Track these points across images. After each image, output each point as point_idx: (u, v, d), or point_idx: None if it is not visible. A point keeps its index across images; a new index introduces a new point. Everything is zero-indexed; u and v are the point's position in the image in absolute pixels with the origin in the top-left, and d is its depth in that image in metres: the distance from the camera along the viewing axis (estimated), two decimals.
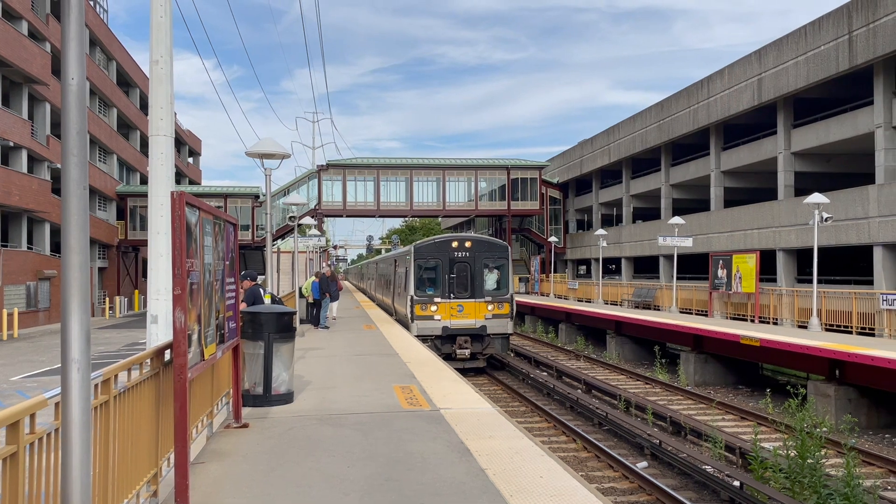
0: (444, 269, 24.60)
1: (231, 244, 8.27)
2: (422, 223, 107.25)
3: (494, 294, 24.78)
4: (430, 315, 24.32)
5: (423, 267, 24.75)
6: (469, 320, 24.50)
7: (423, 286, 24.71)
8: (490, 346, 24.85)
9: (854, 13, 28.18)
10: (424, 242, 25.74)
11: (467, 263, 24.73)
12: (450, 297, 24.53)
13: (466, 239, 25.20)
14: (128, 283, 57.34)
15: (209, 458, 7.34)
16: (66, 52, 3.32)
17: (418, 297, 24.51)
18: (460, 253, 24.77)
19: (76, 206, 3.30)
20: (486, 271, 24.94)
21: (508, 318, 24.90)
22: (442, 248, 24.90)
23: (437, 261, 24.74)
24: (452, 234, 26.34)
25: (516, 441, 7.99)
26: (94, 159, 51.04)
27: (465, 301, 24.55)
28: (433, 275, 24.76)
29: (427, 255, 24.87)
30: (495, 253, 25.18)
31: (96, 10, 52.56)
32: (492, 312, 24.59)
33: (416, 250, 24.98)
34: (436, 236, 26.38)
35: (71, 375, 3.29)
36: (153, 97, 8.64)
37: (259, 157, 14.90)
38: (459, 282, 24.62)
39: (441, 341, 24.42)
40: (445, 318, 24.38)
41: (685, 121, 41.18)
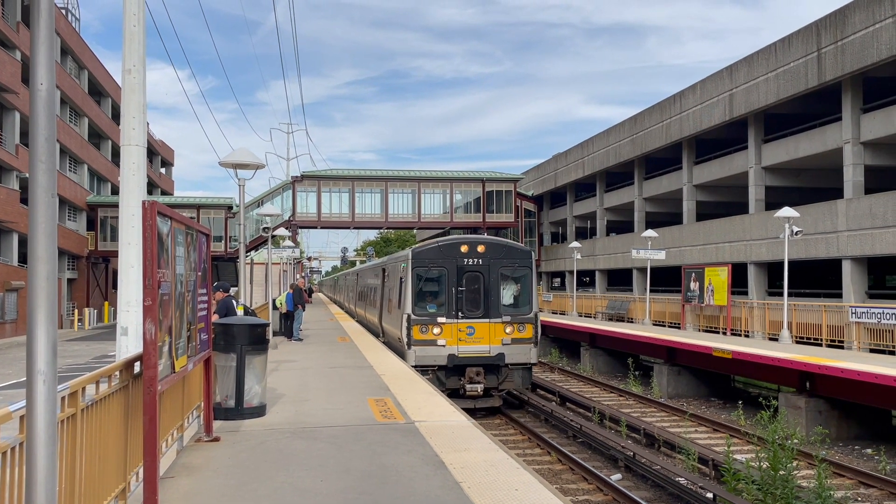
0: (449, 281, 19.70)
1: (203, 255, 8.18)
2: (397, 235, 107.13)
3: (514, 312, 19.91)
4: (432, 339, 19.39)
5: (424, 277, 19.93)
6: (482, 346, 19.55)
7: (424, 302, 19.80)
8: (508, 380, 19.84)
9: (822, 31, 28.70)
10: (425, 246, 20.67)
11: (480, 273, 19.89)
12: (457, 316, 19.58)
13: (479, 242, 20.36)
14: (98, 295, 56.54)
15: (179, 473, 7.21)
16: (34, 57, 3.26)
17: (417, 315, 19.52)
18: (471, 259, 19.94)
19: (44, 215, 3.23)
20: (504, 283, 20.19)
21: (532, 344, 19.85)
22: (448, 254, 19.97)
23: (441, 269, 19.85)
24: (461, 237, 21.28)
25: (491, 454, 7.96)
26: (65, 169, 50.38)
27: (476, 321, 19.66)
28: (436, 287, 19.92)
29: (429, 262, 19.96)
30: (515, 260, 20.33)
31: (68, 19, 52.02)
32: (511, 336, 19.65)
33: (416, 256, 20.16)
34: (440, 238, 21.41)
35: (36, 387, 3.20)
36: (125, 106, 8.54)
37: (233, 167, 14.79)
38: (470, 297, 19.80)
39: (446, 373, 19.43)
40: (452, 343, 19.43)
41: (658, 135, 41.60)
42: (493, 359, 19.54)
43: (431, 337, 19.44)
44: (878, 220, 25.99)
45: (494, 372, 19.70)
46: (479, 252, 19.97)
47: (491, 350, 19.58)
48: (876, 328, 21.53)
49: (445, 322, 19.53)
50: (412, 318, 19.52)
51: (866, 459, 16.02)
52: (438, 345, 19.37)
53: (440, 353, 19.39)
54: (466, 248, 19.97)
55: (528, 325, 19.86)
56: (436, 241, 20.69)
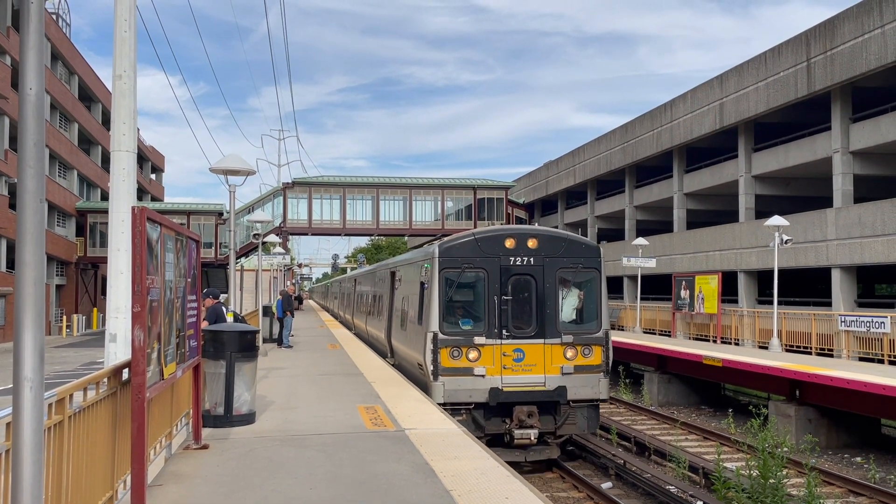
0: (490, 287, 14.71)
1: (193, 261, 8.15)
2: (388, 242, 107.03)
3: (577, 330, 14.93)
4: (467, 367, 14.35)
5: (455, 282, 14.87)
6: (534, 377, 14.51)
7: (455, 316, 14.88)
8: (569, 422, 14.81)
9: (812, 41, 28.91)
10: (457, 240, 15.45)
11: (531, 277, 14.87)
12: (501, 335, 14.52)
13: (530, 234, 15.29)
14: (86, 301, 56.23)
15: (167, 481, 7.16)
16: (24, 62, 3.24)
17: (447, 334, 14.50)
18: (519, 258, 14.93)
19: (32, 220, 3.21)
20: (564, 290, 15.20)
21: (601, 374, 14.88)
22: (488, 250, 14.91)
23: (478, 271, 14.85)
24: (505, 227, 16.77)
25: (482, 461, 7.93)
26: (54, 174, 50.15)
27: (527, 343, 14.60)
28: (471, 296, 15.07)
29: (462, 261, 14.83)
30: (578, 258, 15.18)
31: (59, 24, 51.88)
32: (573, 362, 14.69)
33: (444, 253, 15.00)
34: (477, 230, 15.99)
35: (23, 394, 3.17)
36: (116, 112, 8.49)
37: (223, 173, 14.75)
38: (518, 309, 14.80)
39: (486, 413, 14.35)
40: (493, 372, 14.39)
41: (649, 143, 41.76)
42: (550, 394, 14.42)
43: (466, 364, 14.32)
44: (867, 229, 26.14)
45: (551, 410, 14.64)
46: (529, 248, 14.90)
47: (547, 382, 14.48)
48: (865, 336, 21.63)
49: (485, 343, 14.35)
50: (440, 338, 14.35)
51: (856, 468, 16.06)
52: (476, 374, 14.21)
53: (478, 387, 14.24)
54: (513, 242, 14.91)
55: (596, 348, 14.94)
56: (471, 233, 15.35)
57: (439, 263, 14.78)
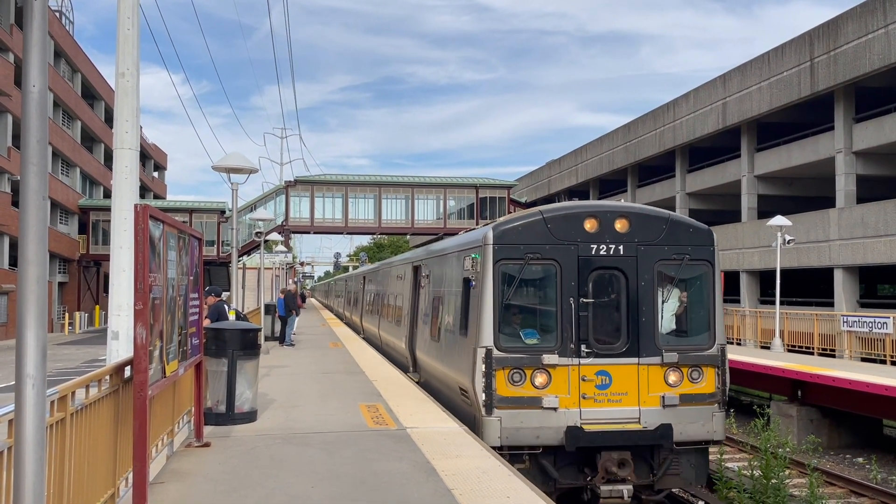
0: (564, 286, 10.82)
1: (195, 259, 8.16)
2: (390, 241, 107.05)
3: (683, 346, 10.96)
4: (534, 397, 10.50)
5: (516, 279, 10.90)
6: (625, 409, 10.65)
7: (514, 326, 10.92)
8: (672, 472, 10.88)
9: (815, 41, 28.86)
10: (518, 221, 11.28)
11: (620, 272, 11.01)
12: (579, 352, 10.65)
13: (618, 212, 11.18)
14: (89, 299, 56.30)
15: (169, 478, 7.17)
16: (27, 59, 3.24)
17: (506, 351, 10.62)
18: (604, 246, 10.98)
19: (35, 217, 3.20)
20: (664, 290, 11.16)
21: (715, 405, 10.87)
22: (562, 234, 10.96)
23: (548, 265, 10.92)
24: (583, 203, 11.89)
25: (483, 461, 7.93)
26: (57, 172, 50.20)
27: (614, 363, 10.73)
28: (537, 298, 11.22)
29: (526, 249, 10.89)
30: (684, 246, 11.16)
31: (62, 22, 51.92)
32: (678, 390, 10.73)
33: (501, 237, 10.95)
34: (545, 207, 11.71)
35: (25, 391, 3.17)
36: (118, 110, 8.50)
37: (226, 171, 14.76)
38: (602, 315, 11.02)
39: (559, 460, 10.51)
40: (570, 402, 10.55)
41: (651, 143, 41.73)
42: (650, 436, 10.30)
43: (531, 392, 10.42)
44: (869, 230, 26.10)
45: (646, 456, 10.59)
46: (617, 231, 10.91)
47: (643, 417, 10.49)
48: (867, 337, 21.60)
49: (557, 364, 10.44)
50: (495, 356, 10.44)
51: (857, 468, 16.05)
52: (545, 407, 10.33)
53: (549, 424, 10.33)
54: (595, 223, 10.90)
55: (708, 371, 10.86)
56: (537, 211, 11.25)
57: (494, 253, 10.68)
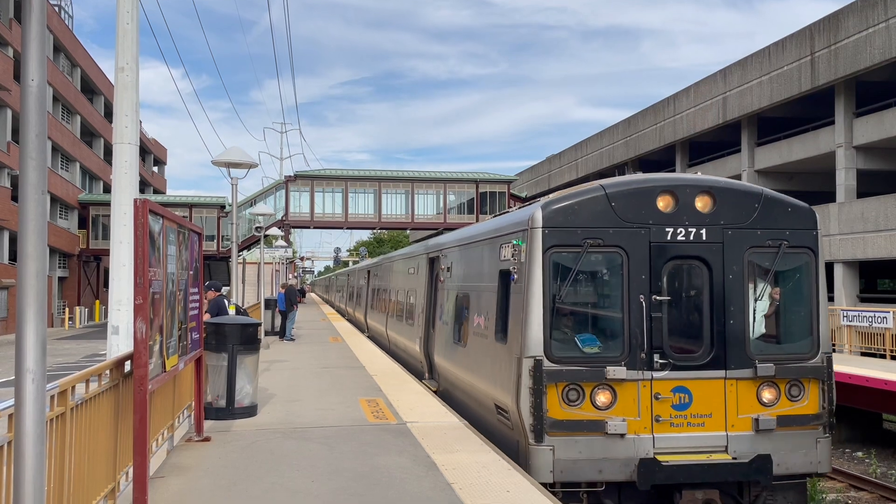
0: (632, 280, 8.59)
1: (195, 254, 8.16)
2: (390, 235, 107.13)
3: (779, 355, 8.95)
4: (595, 420, 8.26)
5: (572, 271, 8.53)
6: (709, 435, 8.46)
7: (565, 329, 8.69)
8: None
9: (816, 35, 28.81)
10: (575, 198, 8.72)
11: (702, 263, 8.80)
12: (652, 363, 8.43)
13: (700, 188, 8.84)
14: (89, 294, 56.32)
15: (169, 473, 7.18)
16: (26, 53, 3.23)
17: (559, 362, 8.34)
18: (682, 229, 8.70)
19: (34, 212, 3.20)
20: (755, 285, 8.98)
21: (820, 427, 9.07)
22: (629, 214, 8.63)
23: (611, 253, 8.64)
24: (658, 176, 9.27)
25: (483, 455, 7.94)
26: (57, 167, 50.16)
27: (695, 377, 8.53)
28: (595, 295, 9.03)
29: (584, 233, 8.55)
30: (782, 229, 9.07)
31: (61, 16, 51.82)
32: (774, 410, 8.67)
33: (552, 218, 8.55)
34: (606, 181, 9.12)
35: (25, 386, 3.17)
36: (118, 105, 8.48)
37: (225, 165, 14.74)
38: (681, 318, 8.91)
39: (625, 499, 8.36)
40: (640, 427, 8.33)
41: (652, 137, 41.69)
42: (741, 469, 8.26)
43: (591, 413, 8.31)
44: (869, 224, 26.09)
45: (734, 494, 8.59)
46: (699, 211, 8.72)
47: (732, 445, 8.44)
48: (867, 331, 21.61)
49: (625, 379, 8.32)
50: (546, 369, 8.28)
51: (857, 462, 16.07)
52: (610, 433, 8.21)
53: (615, 454, 8.23)
54: (670, 200, 8.69)
55: (811, 385, 9.06)
56: (598, 185, 8.89)
57: (544, 239, 8.37)
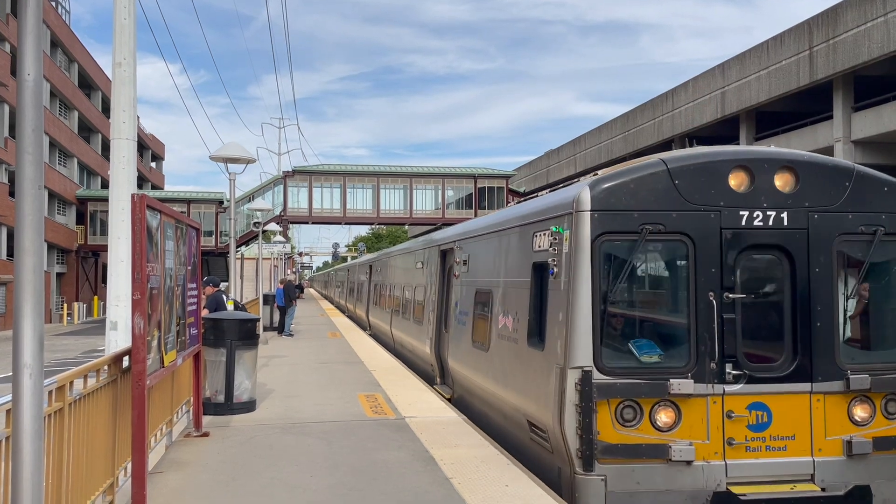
0: (699, 274, 6.85)
1: (193, 249, 8.15)
2: (388, 231, 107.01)
3: (873, 362, 7.07)
4: (656, 443, 6.60)
5: (627, 264, 6.81)
6: (791, 460, 6.77)
7: (618, 334, 6.96)
8: None
9: (814, 29, 28.79)
10: (630, 175, 6.89)
11: (782, 254, 7.00)
12: (723, 375, 6.73)
13: (781, 162, 7.02)
14: (87, 289, 56.27)
15: (168, 468, 7.18)
16: (22, 47, 3.22)
17: (611, 374, 6.64)
18: (759, 212, 6.89)
19: (31, 207, 3.19)
20: (845, 282, 7.17)
21: None
22: (694, 194, 6.86)
23: (675, 243, 6.92)
24: (729, 149, 7.40)
25: (482, 449, 7.95)
26: (54, 162, 50.07)
27: (772, 390, 6.81)
28: (656, 296, 7.41)
29: (641, 217, 6.78)
30: (876, 213, 7.09)
31: (58, 11, 51.68)
32: (869, 431, 6.88)
33: (604, 199, 6.75)
34: (666, 154, 7.29)
35: (23, 381, 3.17)
36: (115, 100, 8.47)
37: (223, 161, 14.73)
38: (757, 320, 7.11)
39: None
40: (709, 452, 6.68)
41: (650, 132, 41.68)
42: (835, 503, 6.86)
43: (651, 436, 6.73)
44: None
45: None
46: (779, 190, 7.07)
47: (821, 473, 6.88)
48: None
49: (692, 393, 6.74)
50: (596, 382, 6.64)
51: None
52: (674, 459, 6.65)
53: (682, 485, 6.75)
54: (744, 178, 7.05)
55: None
56: (658, 160, 7.14)
57: (593, 224, 6.76)
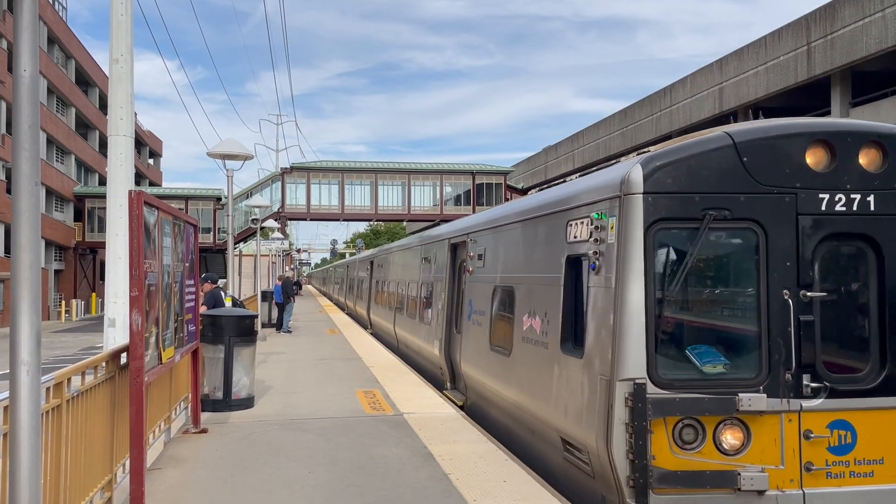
0: (773, 270, 5.53)
1: (191, 246, 8.14)
2: (386, 227, 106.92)
3: None
4: (722, 470, 5.29)
5: (687, 256, 5.46)
6: (880, 488, 5.46)
7: (675, 340, 5.68)
8: None
9: (812, 25, 28.78)
10: (687, 149, 5.61)
11: (868, 245, 5.66)
12: (800, 388, 5.42)
13: (867, 135, 5.65)
14: (85, 286, 56.23)
15: (166, 464, 7.18)
16: (18, 43, 3.21)
17: (668, 388, 5.37)
18: (841, 195, 5.57)
19: (27, 203, 3.19)
20: None
21: None
22: (766, 174, 5.52)
23: (743, 232, 5.57)
24: (805, 121, 5.91)
25: (480, 445, 7.96)
26: (52, 159, 49.99)
27: (857, 406, 5.52)
28: (720, 295, 5.92)
29: (703, 201, 5.46)
30: None
31: (55, 7, 51.55)
32: None
33: (656, 179, 5.47)
34: (728, 127, 5.91)
35: (20, 378, 3.17)
36: (113, 97, 8.45)
37: (221, 157, 14.72)
38: (838, 324, 5.78)
39: None
40: (784, 480, 5.37)
41: (648, 128, 41.67)
42: None
43: (716, 461, 5.39)
44: None
45: None
46: (864, 169, 5.69)
47: None
48: None
49: (765, 410, 5.41)
50: (650, 397, 5.34)
51: None
52: (744, 489, 5.29)
53: None
54: (823, 155, 5.68)
55: None
56: (722, 134, 5.75)
57: (646, 209, 5.61)
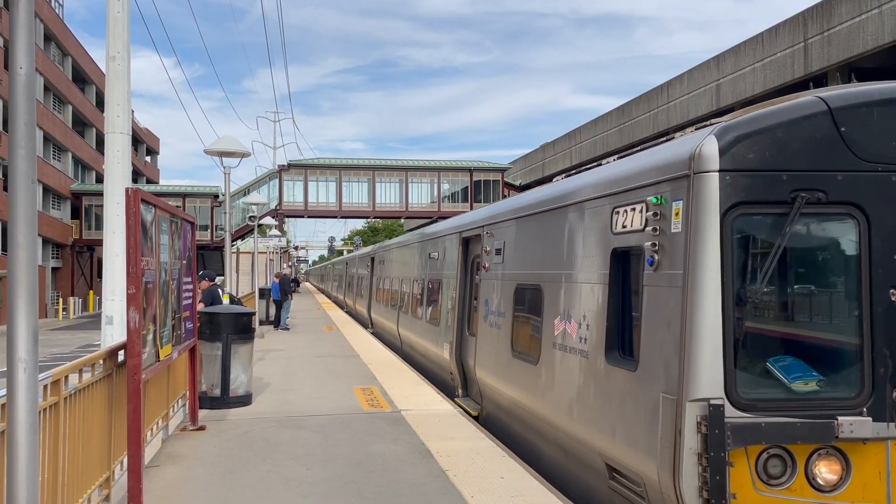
0: (877, 266, 4.49)
1: (188, 243, 8.14)
2: (384, 224, 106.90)
3: None
4: None
5: (774, 249, 4.41)
6: None
7: (758, 352, 4.60)
8: None
9: (809, 21, 28.79)
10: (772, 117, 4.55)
11: None
12: None
13: None
14: (82, 284, 56.17)
15: (164, 462, 7.19)
16: (14, 40, 3.20)
17: (750, 410, 4.32)
18: None
19: (23, 200, 3.18)
20: None
21: None
22: (872, 150, 4.46)
23: (839, 219, 4.54)
24: None
25: (477, 442, 7.97)
26: (49, 157, 49.90)
27: None
28: (812, 298, 4.80)
29: (792, 181, 4.44)
30: None
31: (51, 5, 51.43)
32: None
33: (735, 154, 4.44)
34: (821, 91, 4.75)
35: (17, 376, 3.17)
36: (110, 94, 8.43)
37: (218, 154, 14.69)
38: None
39: None
40: None
41: (645, 125, 41.67)
42: None
43: (806, 499, 4.35)
44: None
45: None
46: None
47: None
48: None
49: (869, 437, 4.35)
50: (730, 422, 4.27)
51: None
52: None
53: None
54: None
55: None
56: (815, 99, 4.66)
57: (722, 190, 4.56)
